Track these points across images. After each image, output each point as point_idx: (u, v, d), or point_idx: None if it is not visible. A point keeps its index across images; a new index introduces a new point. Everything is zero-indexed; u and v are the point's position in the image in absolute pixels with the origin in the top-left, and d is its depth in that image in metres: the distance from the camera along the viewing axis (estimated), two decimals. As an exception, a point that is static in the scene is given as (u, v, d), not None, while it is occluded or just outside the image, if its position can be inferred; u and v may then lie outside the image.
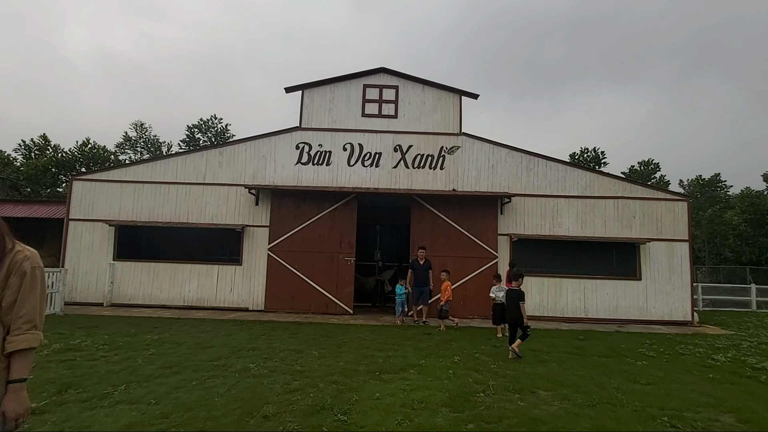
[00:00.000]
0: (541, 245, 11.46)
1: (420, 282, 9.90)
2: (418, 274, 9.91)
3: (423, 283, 9.89)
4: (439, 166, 11.68)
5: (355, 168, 11.68)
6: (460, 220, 11.41)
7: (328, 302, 11.13)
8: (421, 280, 9.89)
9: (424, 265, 9.99)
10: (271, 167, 11.71)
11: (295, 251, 11.28)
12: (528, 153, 11.74)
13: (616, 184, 11.62)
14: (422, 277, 9.89)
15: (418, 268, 9.97)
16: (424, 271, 9.94)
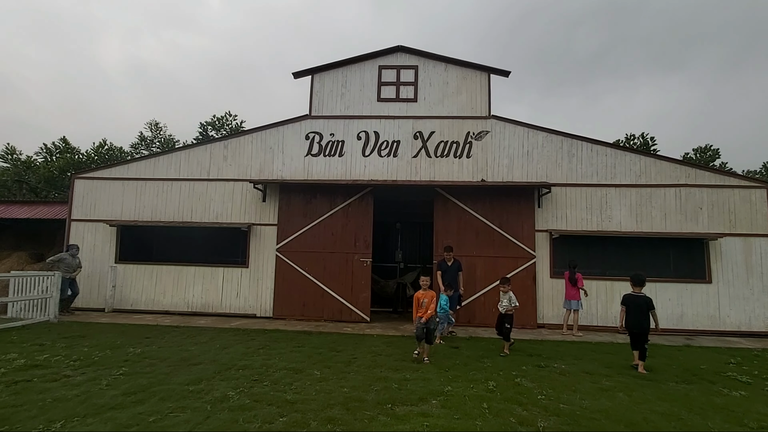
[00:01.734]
0: (587, 243, 9.84)
1: (449, 283, 8.53)
2: (446, 277, 8.61)
3: (451, 284, 8.52)
4: (466, 154, 10.30)
5: (370, 158, 10.48)
6: (490, 214, 9.97)
7: (342, 309, 9.96)
8: (450, 282, 8.55)
9: (453, 266, 8.78)
10: (279, 160, 10.68)
11: (306, 252, 10.18)
12: (569, 136, 10.16)
13: (677, 169, 9.85)
14: (450, 279, 8.59)
15: (447, 270, 8.74)
16: (453, 273, 8.71)
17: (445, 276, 8.62)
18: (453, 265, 8.76)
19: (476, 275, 9.78)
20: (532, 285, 9.66)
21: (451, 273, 8.70)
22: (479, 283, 9.75)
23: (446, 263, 8.81)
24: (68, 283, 9.84)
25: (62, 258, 9.92)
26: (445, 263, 8.83)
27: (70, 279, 9.90)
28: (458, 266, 8.78)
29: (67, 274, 9.84)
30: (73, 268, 10.04)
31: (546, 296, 9.72)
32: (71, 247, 10.25)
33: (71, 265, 10.01)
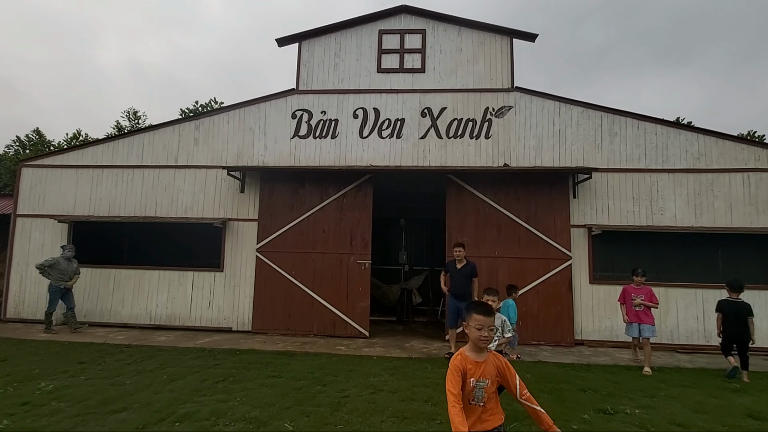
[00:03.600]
0: (634, 241, 8.05)
1: (458, 293, 6.71)
2: (455, 283, 6.77)
3: (461, 294, 6.66)
4: (484, 134, 8.54)
5: (369, 140, 8.73)
6: (515, 206, 8.20)
7: (335, 321, 8.20)
8: (459, 291, 6.70)
9: (463, 270, 6.75)
10: (261, 143, 8.95)
11: (292, 252, 8.43)
12: (610, 111, 8.38)
13: (744, 150, 8.04)
14: (460, 287, 6.70)
15: (455, 273, 6.78)
16: (462, 278, 6.72)
17: (453, 282, 6.77)
18: (465, 269, 6.73)
19: (498, 280, 7.99)
20: (567, 293, 7.87)
21: (460, 279, 6.69)
22: (502, 291, 7.93)
23: (455, 265, 6.79)
24: (61, 293, 8.09)
25: (54, 262, 8.07)
26: (453, 265, 6.82)
27: (64, 289, 8.10)
28: (472, 270, 6.73)
29: (61, 283, 8.06)
30: (68, 275, 8.16)
31: (585, 306, 7.93)
32: (65, 248, 8.25)
33: (66, 271, 8.13)
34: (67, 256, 8.18)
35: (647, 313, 6.25)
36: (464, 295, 6.60)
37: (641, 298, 6.27)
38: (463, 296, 6.59)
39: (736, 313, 5.91)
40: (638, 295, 6.29)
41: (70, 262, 8.23)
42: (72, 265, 8.24)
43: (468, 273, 6.74)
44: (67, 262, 8.17)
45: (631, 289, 6.42)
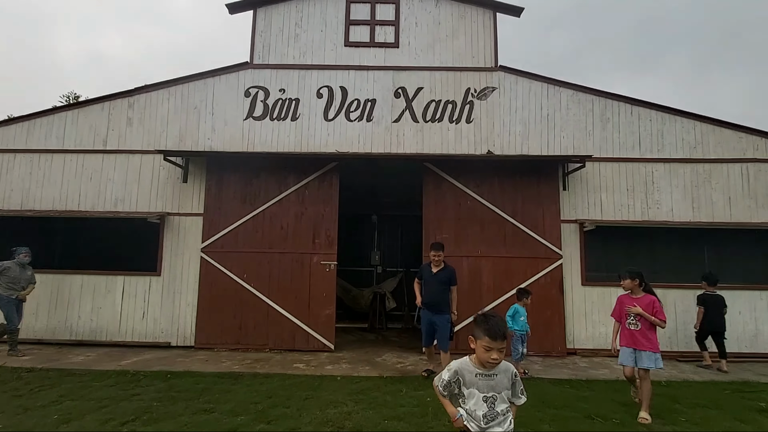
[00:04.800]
0: (629, 237, 7.29)
1: (432, 302, 5.39)
2: (429, 291, 5.45)
3: (435, 305, 5.36)
4: (465, 117, 7.59)
5: (335, 123, 7.61)
6: (500, 199, 7.28)
7: (295, 332, 7.01)
8: (434, 300, 5.38)
9: (440, 276, 5.40)
10: (207, 124, 7.66)
11: (244, 252, 7.19)
12: (602, 94, 7.62)
13: (742, 139, 7.45)
14: (435, 296, 5.37)
15: (430, 279, 5.45)
16: (438, 286, 5.37)
17: (427, 288, 5.47)
18: (441, 274, 5.40)
19: (482, 283, 7.06)
20: (558, 296, 7.02)
21: (435, 286, 5.38)
22: (486, 293, 7.03)
23: (430, 269, 5.47)
24: (15, 304, 6.42)
25: (5, 268, 6.40)
26: (428, 269, 5.49)
27: (17, 300, 6.43)
28: (450, 276, 5.41)
29: (13, 293, 6.39)
30: (21, 285, 6.51)
31: (577, 311, 7.09)
32: (18, 252, 6.55)
33: (18, 280, 6.46)
34: (21, 262, 6.55)
35: (647, 333, 4.19)
36: (440, 305, 5.33)
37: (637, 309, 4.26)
38: (439, 307, 5.33)
39: (716, 305, 6.35)
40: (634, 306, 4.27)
41: (24, 269, 6.61)
42: (26, 273, 6.59)
43: (445, 279, 5.38)
44: (21, 269, 6.56)
45: (627, 300, 4.40)
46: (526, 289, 5.87)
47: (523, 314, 5.63)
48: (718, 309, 6.34)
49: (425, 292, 5.48)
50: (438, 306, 5.35)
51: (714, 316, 6.31)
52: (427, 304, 5.45)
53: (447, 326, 5.27)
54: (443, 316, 5.32)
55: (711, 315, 6.32)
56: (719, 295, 6.41)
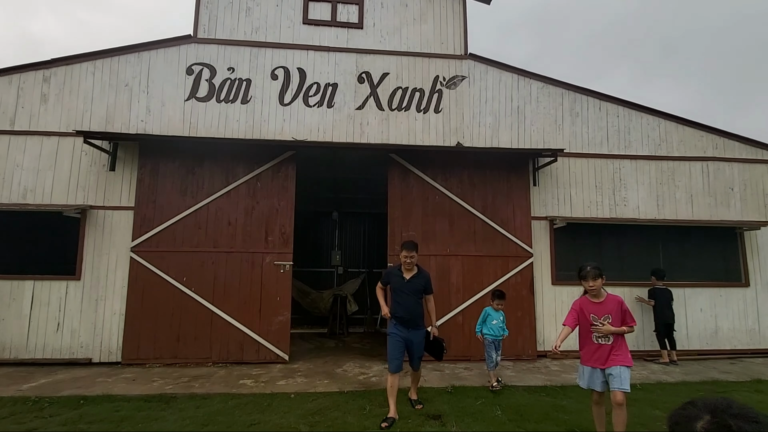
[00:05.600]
0: (598, 235, 7.13)
1: (406, 316, 4.20)
2: (401, 302, 4.22)
3: (410, 319, 4.21)
4: (434, 107, 7.10)
5: (292, 108, 6.86)
6: (470, 194, 6.86)
7: (243, 342, 6.18)
8: (408, 314, 4.20)
9: (414, 283, 4.25)
10: (142, 104, 6.64)
11: (184, 252, 6.25)
12: (571, 87, 7.42)
13: (703, 137, 7.53)
14: (409, 308, 4.22)
15: (401, 287, 4.25)
16: (411, 295, 4.22)
17: (396, 299, 4.23)
18: (416, 281, 4.24)
19: (450, 283, 6.60)
20: (529, 296, 6.69)
21: (408, 296, 4.20)
22: (455, 295, 6.57)
23: (400, 274, 4.27)
24: None
25: None
26: (398, 274, 4.28)
27: None
28: (426, 283, 4.30)
29: None
30: None
31: (547, 311, 6.81)
32: None
33: None
34: None
35: (619, 343, 3.37)
36: (415, 319, 4.21)
37: (608, 320, 3.32)
38: (414, 322, 4.21)
39: (666, 298, 6.61)
40: (602, 316, 3.35)
41: None
42: None
43: (420, 287, 4.24)
44: None
45: (588, 305, 3.43)
46: (499, 291, 5.39)
47: (496, 317, 5.17)
48: (667, 302, 6.61)
49: (395, 303, 4.23)
50: (413, 321, 4.21)
51: (663, 308, 6.58)
52: (399, 319, 4.20)
53: (422, 342, 4.30)
54: (420, 332, 4.27)
55: (661, 308, 6.59)
56: (667, 289, 6.68)
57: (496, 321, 5.16)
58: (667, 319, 6.59)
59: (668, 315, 6.60)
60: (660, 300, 6.62)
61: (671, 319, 6.61)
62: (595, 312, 3.39)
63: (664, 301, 6.62)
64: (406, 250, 4.22)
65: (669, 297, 6.66)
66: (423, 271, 4.38)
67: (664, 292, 6.66)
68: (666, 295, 6.65)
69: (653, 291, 6.73)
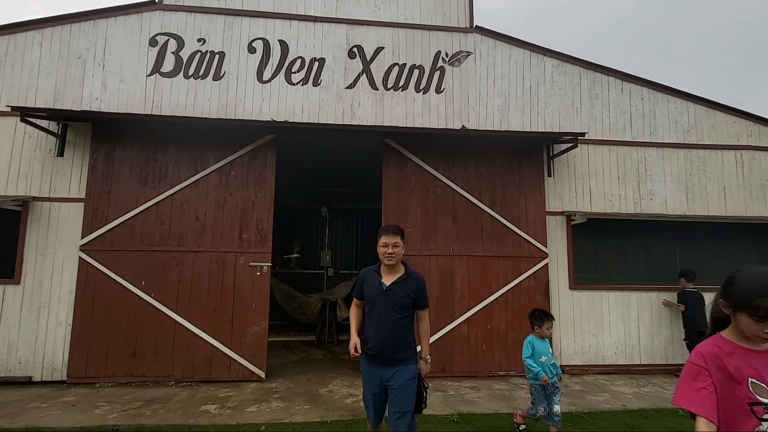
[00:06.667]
0: (620, 232, 6.29)
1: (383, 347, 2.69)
2: (376, 322, 2.72)
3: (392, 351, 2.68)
4: (435, 86, 6.23)
5: (273, 86, 5.96)
6: (476, 186, 6.00)
7: (212, 357, 5.27)
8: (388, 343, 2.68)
9: (397, 291, 2.72)
10: (96, 80, 5.72)
11: (143, 251, 5.34)
12: (590, 66, 6.58)
13: (737, 124, 6.71)
14: (389, 332, 2.68)
15: (380, 298, 2.73)
16: (393, 311, 2.69)
17: (373, 317, 2.76)
18: (401, 288, 2.74)
19: (454, 288, 5.73)
20: (543, 302, 5.83)
21: (389, 312, 2.70)
22: (460, 301, 5.70)
23: (379, 279, 2.77)
24: None
25: None
26: (375, 279, 2.79)
27: None
28: (417, 291, 2.77)
29: None
30: None
31: (564, 320, 5.95)
32: None
33: None
34: None
35: None
36: (395, 348, 2.69)
37: None
38: (394, 352, 2.68)
39: (698, 302, 5.78)
40: None
41: None
42: None
43: (407, 299, 2.73)
44: None
45: (738, 359, 1.35)
46: (540, 311, 3.75)
47: (544, 351, 3.58)
48: (699, 307, 5.79)
49: (369, 323, 2.76)
50: (392, 350, 2.67)
51: (695, 314, 5.74)
52: (371, 349, 2.70)
53: (411, 388, 2.67)
54: (405, 369, 2.66)
55: (692, 314, 5.76)
56: (699, 293, 5.86)
57: (545, 357, 3.56)
58: (700, 327, 5.77)
59: (701, 322, 5.72)
60: (691, 305, 5.80)
61: (704, 327, 5.77)
62: (757, 373, 1.37)
63: (696, 306, 5.80)
64: (384, 236, 2.72)
65: (701, 301, 5.83)
66: (414, 273, 2.80)
67: (696, 295, 5.85)
68: (698, 300, 5.84)
69: (683, 294, 5.92)
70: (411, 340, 2.78)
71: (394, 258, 2.74)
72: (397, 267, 2.79)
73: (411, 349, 2.76)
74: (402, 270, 2.81)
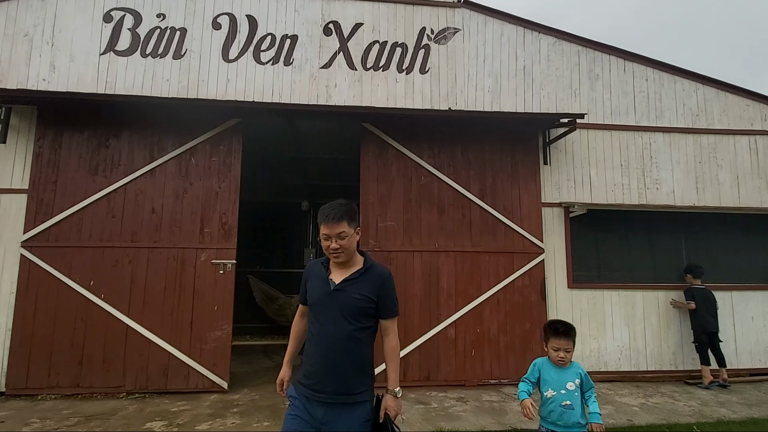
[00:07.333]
0: (624, 225, 5.73)
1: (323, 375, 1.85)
2: (316, 329, 1.91)
3: (336, 381, 1.83)
4: (419, 66, 5.68)
5: (239, 65, 5.42)
6: (464, 174, 5.44)
7: (168, 366, 4.72)
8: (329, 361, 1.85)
9: (350, 290, 1.90)
10: (44, 59, 5.19)
11: (92, 248, 4.80)
12: (589, 44, 6.02)
13: (750, 107, 6.15)
14: (333, 346, 1.85)
15: (320, 299, 1.93)
16: (340, 318, 1.86)
17: (315, 326, 1.92)
18: (355, 288, 1.90)
19: (440, 287, 5.17)
20: (539, 303, 5.28)
21: (339, 320, 1.86)
22: (446, 302, 5.15)
23: (325, 274, 1.96)
24: None
25: None
26: (321, 274, 1.98)
27: None
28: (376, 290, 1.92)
29: None
30: None
31: (563, 321, 5.38)
32: None
33: None
34: None
35: None
36: (345, 376, 1.85)
37: None
38: (342, 384, 1.84)
39: (708, 301, 5.30)
40: None
41: None
42: None
43: (365, 300, 1.90)
44: None
45: None
46: (558, 323, 2.49)
47: (558, 382, 2.37)
48: (710, 305, 5.30)
49: (309, 338, 1.98)
50: (341, 383, 1.85)
51: (704, 313, 5.23)
52: (307, 377, 1.89)
53: (369, 411, 1.89)
54: (355, 411, 1.85)
55: (701, 313, 5.23)
56: (708, 290, 5.36)
57: (553, 391, 2.35)
58: (711, 327, 5.25)
59: (711, 322, 5.26)
60: (700, 303, 5.26)
61: (715, 327, 5.26)
62: None
63: (706, 304, 5.29)
64: (324, 224, 1.89)
65: (711, 299, 5.33)
66: (376, 267, 2.00)
67: (705, 293, 5.33)
68: (707, 297, 5.32)
69: (690, 292, 5.36)
70: (369, 364, 1.94)
71: (343, 255, 1.91)
72: (353, 260, 1.99)
73: (368, 379, 1.93)
74: (360, 263, 1.99)
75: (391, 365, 1.97)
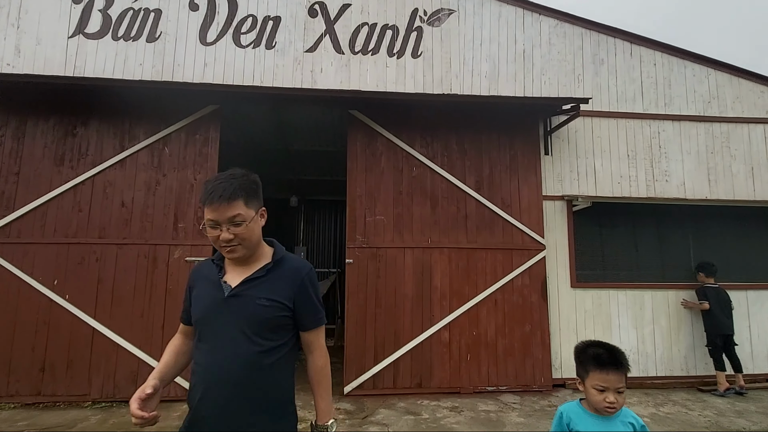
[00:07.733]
0: (631, 220, 5.35)
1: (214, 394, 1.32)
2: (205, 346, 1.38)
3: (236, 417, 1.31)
4: (411, 50, 5.32)
5: (217, 49, 5.06)
6: (459, 165, 5.07)
7: (138, 372, 4.37)
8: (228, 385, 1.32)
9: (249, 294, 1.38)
10: (9, 42, 4.85)
11: (56, 244, 4.45)
12: (593, 26, 5.65)
13: (765, 93, 5.77)
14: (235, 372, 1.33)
15: (210, 306, 1.39)
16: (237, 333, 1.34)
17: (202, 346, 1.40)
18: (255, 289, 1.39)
19: (433, 286, 4.80)
20: (541, 303, 4.90)
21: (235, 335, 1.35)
22: (440, 302, 4.78)
23: (217, 276, 1.43)
24: None
25: None
26: (208, 274, 1.47)
27: None
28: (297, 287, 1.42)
29: None
30: None
31: (565, 324, 5.01)
32: None
33: None
34: None
35: None
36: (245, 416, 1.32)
37: None
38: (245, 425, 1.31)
39: (723, 301, 4.94)
40: None
41: None
42: None
43: (276, 307, 1.37)
44: None
45: None
46: (599, 348, 1.62)
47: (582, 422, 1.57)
48: (724, 306, 4.92)
49: (197, 362, 1.39)
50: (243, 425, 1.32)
51: (719, 314, 4.85)
52: (197, 415, 1.34)
53: None
54: None
55: (715, 314, 4.85)
56: (723, 290, 4.98)
57: None
58: (726, 329, 4.88)
59: (726, 323, 4.89)
60: (714, 303, 4.88)
61: (730, 329, 4.89)
62: None
63: (720, 304, 4.91)
64: (208, 206, 1.34)
65: (726, 299, 4.95)
66: (289, 259, 1.50)
67: (719, 292, 4.96)
68: (722, 297, 4.95)
69: (703, 291, 4.97)
70: (287, 400, 1.42)
71: (240, 248, 1.37)
72: (257, 254, 1.44)
73: (286, 416, 1.40)
74: (267, 256, 1.46)
75: (319, 391, 1.44)
